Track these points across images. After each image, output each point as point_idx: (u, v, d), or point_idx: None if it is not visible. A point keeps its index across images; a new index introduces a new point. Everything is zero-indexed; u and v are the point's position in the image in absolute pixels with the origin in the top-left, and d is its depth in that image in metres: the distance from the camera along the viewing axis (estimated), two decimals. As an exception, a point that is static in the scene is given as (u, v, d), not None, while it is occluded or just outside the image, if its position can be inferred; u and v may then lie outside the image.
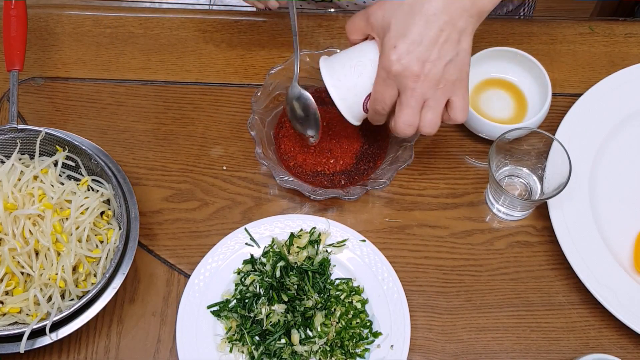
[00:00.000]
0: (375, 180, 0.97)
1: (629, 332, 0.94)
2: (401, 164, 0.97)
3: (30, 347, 0.89)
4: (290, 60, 1.01)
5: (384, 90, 0.87)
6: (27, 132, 0.98)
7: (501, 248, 1.01)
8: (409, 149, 0.97)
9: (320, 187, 0.98)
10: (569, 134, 1.03)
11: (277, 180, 0.96)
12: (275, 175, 0.96)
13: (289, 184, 0.96)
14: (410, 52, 0.83)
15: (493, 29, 1.16)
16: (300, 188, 0.97)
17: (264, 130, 1.01)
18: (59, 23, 1.17)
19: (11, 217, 0.91)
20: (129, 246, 0.94)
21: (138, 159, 1.06)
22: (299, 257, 0.96)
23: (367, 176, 1.00)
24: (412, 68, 0.83)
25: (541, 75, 1.05)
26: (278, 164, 0.99)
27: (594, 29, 1.16)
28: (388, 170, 0.98)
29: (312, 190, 0.97)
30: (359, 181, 1.00)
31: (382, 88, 0.87)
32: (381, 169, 1.00)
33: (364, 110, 0.93)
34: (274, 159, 0.99)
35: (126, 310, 0.96)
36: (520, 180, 1.04)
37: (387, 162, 1.00)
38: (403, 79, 0.85)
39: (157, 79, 1.13)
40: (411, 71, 0.84)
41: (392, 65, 0.84)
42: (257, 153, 0.96)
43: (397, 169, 0.96)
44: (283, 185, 0.96)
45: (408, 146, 0.98)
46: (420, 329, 0.95)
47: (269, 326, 0.91)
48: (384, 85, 0.87)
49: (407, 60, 0.83)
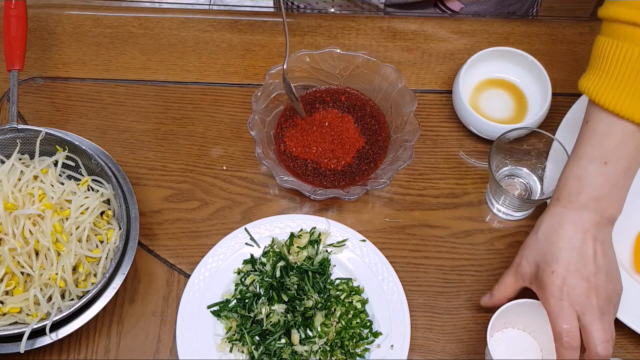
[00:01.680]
0: (376, 180, 0.97)
1: (629, 332, 0.94)
2: (401, 164, 0.97)
3: (30, 347, 0.89)
4: (290, 60, 1.02)
5: (567, 318, 0.83)
6: (27, 132, 0.98)
7: (501, 248, 1.01)
8: (409, 149, 0.97)
9: (321, 187, 0.99)
10: (569, 134, 1.03)
11: (277, 180, 0.96)
12: (275, 175, 0.96)
13: (288, 184, 0.96)
14: (569, 271, 0.83)
15: (493, 29, 1.16)
16: (300, 188, 0.97)
17: (264, 130, 1.01)
18: (59, 23, 1.17)
19: (11, 217, 0.91)
20: (129, 246, 0.94)
21: (138, 159, 1.06)
22: (299, 257, 0.96)
23: (368, 176, 1.00)
24: (580, 284, 0.83)
25: (541, 75, 1.05)
26: (278, 164, 0.99)
27: (594, 29, 1.16)
28: (388, 170, 0.98)
29: (312, 190, 0.97)
30: (359, 181, 1.00)
31: (564, 317, 0.83)
32: (381, 168, 1.00)
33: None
34: (274, 159, 0.99)
35: (126, 310, 0.96)
36: (520, 180, 1.04)
37: (387, 162, 1.00)
38: (577, 297, 0.83)
39: (157, 79, 1.13)
40: (581, 287, 0.83)
41: (561, 288, 0.83)
42: (257, 153, 0.96)
43: (397, 169, 0.96)
44: (283, 185, 0.96)
45: (408, 146, 0.98)
46: (420, 329, 0.95)
47: (269, 326, 0.91)
48: (563, 314, 0.83)
49: (571, 278, 0.83)
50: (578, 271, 0.83)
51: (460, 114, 1.06)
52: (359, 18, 1.17)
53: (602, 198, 0.84)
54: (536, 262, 0.87)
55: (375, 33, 1.16)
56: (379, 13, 1.19)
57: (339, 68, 1.05)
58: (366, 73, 1.04)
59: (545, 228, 0.87)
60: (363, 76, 1.05)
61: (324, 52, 1.03)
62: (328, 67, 1.05)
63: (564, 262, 0.84)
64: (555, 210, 0.86)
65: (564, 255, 0.84)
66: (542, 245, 0.86)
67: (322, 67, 1.05)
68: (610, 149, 0.84)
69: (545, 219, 0.87)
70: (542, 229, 0.87)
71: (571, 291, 0.83)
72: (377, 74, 1.04)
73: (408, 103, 1.00)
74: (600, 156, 0.84)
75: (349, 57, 1.04)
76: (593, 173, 0.84)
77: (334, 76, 1.06)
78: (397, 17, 1.17)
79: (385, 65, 1.02)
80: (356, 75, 1.05)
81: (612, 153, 0.84)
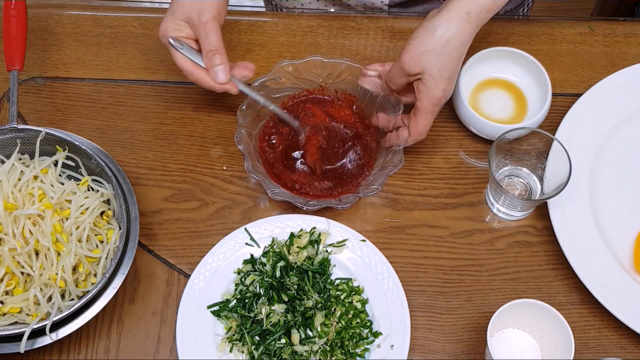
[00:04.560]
0: (367, 187, 0.97)
1: (629, 332, 0.94)
2: (392, 169, 0.96)
3: (30, 347, 0.89)
4: (274, 70, 1.02)
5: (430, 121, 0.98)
6: (27, 132, 0.98)
7: (501, 248, 1.01)
8: (398, 153, 0.97)
9: (312, 198, 0.98)
10: (569, 134, 1.03)
11: (269, 193, 0.95)
12: (267, 189, 0.95)
13: (280, 197, 0.96)
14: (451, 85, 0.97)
15: (493, 29, 1.16)
16: (292, 200, 0.96)
17: (252, 144, 1.00)
18: (59, 23, 1.17)
19: (11, 217, 0.91)
20: (129, 246, 0.94)
21: (138, 159, 1.06)
22: (299, 257, 0.96)
23: (359, 183, 1.00)
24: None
25: (541, 75, 1.05)
26: (268, 176, 0.99)
27: (594, 29, 1.16)
28: (379, 175, 0.97)
29: (304, 202, 0.96)
30: (351, 189, 1.00)
31: (430, 120, 0.98)
32: (372, 174, 1.00)
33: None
34: (264, 172, 0.99)
35: (126, 310, 0.96)
36: (520, 180, 1.04)
37: (377, 167, 1.00)
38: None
39: (157, 79, 1.13)
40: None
41: (442, 99, 0.96)
42: (247, 167, 0.96)
43: (387, 174, 0.96)
44: (275, 198, 0.96)
45: (397, 150, 0.97)
46: (420, 329, 0.95)
47: (269, 326, 0.91)
48: (430, 118, 0.97)
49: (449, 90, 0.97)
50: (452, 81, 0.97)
51: (460, 114, 1.06)
52: (359, 18, 1.17)
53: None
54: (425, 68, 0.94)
55: (376, 33, 1.16)
56: (382, 13, 1.19)
57: (322, 76, 1.04)
58: (350, 79, 1.04)
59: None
60: (348, 83, 1.04)
61: (307, 60, 1.03)
62: (311, 76, 1.04)
63: (448, 79, 0.96)
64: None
65: (451, 72, 0.96)
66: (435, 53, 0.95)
67: (305, 76, 1.04)
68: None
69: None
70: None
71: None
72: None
73: (394, 107, 1.00)
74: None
75: (332, 64, 1.03)
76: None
77: (318, 84, 1.05)
78: (397, 17, 1.17)
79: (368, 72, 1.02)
80: (340, 82, 1.05)
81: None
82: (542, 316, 0.88)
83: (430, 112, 0.96)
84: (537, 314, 0.88)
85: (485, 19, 0.95)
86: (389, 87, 0.99)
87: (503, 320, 0.90)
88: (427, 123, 0.97)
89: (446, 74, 0.94)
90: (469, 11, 0.93)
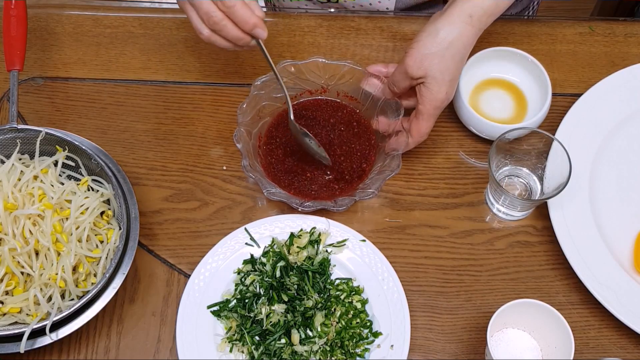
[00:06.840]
0: (364, 190, 0.97)
1: (629, 332, 0.94)
2: (389, 173, 0.96)
3: (30, 347, 0.89)
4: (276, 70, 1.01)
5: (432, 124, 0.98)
6: (27, 132, 0.98)
7: (501, 248, 1.01)
8: (396, 158, 0.97)
9: (308, 199, 0.98)
10: (569, 134, 1.03)
11: (265, 192, 0.95)
12: (263, 188, 0.95)
13: (276, 197, 0.96)
14: (453, 87, 0.97)
15: (493, 29, 1.16)
16: (288, 201, 0.96)
17: (251, 142, 1.00)
18: (59, 23, 1.17)
19: (11, 217, 0.91)
20: (129, 246, 0.94)
21: (138, 159, 1.06)
22: (299, 257, 0.96)
23: (356, 186, 1.00)
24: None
25: (541, 75, 1.05)
26: (265, 176, 0.99)
27: (594, 29, 1.16)
28: (376, 179, 0.97)
29: (300, 203, 0.96)
30: (348, 191, 1.00)
31: (431, 123, 0.98)
32: (370, 178, 1.00)
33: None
34: (261, 172, 0.99)
35: (126, 310, 0.96)
36: (520, 180, 1.04)
37: (375, 171, 1.00)
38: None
39: (157, 79, 1.13)
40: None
41: (444, 102, 0.97)
42: (244, 166, 0.95)
43: (385, 179, 0.96)
44: (270, 197, 0.96)
45: (396, 155, 0.97)
46: (420, 329, 0.95)
47: (269, 326, 0.91)
48: (432, 121, 0.98)
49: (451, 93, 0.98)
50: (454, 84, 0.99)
51: (460, 114, 1.06)
52: (359, 18, 1.17)
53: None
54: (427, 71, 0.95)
55: (376, 33, 1.16)
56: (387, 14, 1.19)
57: (324, 78, 1.04)
58: (352, 82, 1.04)
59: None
60: (349, 85, 1.04)
61: (309, 62, 1.03)
62: (313, 77, 1.04)
63: (450, 82, 0.97)
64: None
65: (454, 75, 0.97)
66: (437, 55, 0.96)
67: (307, 77, 1.04)
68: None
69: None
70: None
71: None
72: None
73: (394, 111, 1.00)
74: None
75: (334, 66, 1.03)
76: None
77: (319, 86, 1.05)
78: (397, 17, 1.17)
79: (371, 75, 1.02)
80: (342, 84, 1.04)
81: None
82: (542, 316, 0.88)
83: (433, 115, 0.97)
84: (537, 314, 0.88)
85: (487, 22, 0.95)
86: (392, 90, 0.99)
87: (503, 320, 0.90)
88: (429, 125, 0.97)
89: (448, 77, 0.94)
90: (471, 14, 0.93)
